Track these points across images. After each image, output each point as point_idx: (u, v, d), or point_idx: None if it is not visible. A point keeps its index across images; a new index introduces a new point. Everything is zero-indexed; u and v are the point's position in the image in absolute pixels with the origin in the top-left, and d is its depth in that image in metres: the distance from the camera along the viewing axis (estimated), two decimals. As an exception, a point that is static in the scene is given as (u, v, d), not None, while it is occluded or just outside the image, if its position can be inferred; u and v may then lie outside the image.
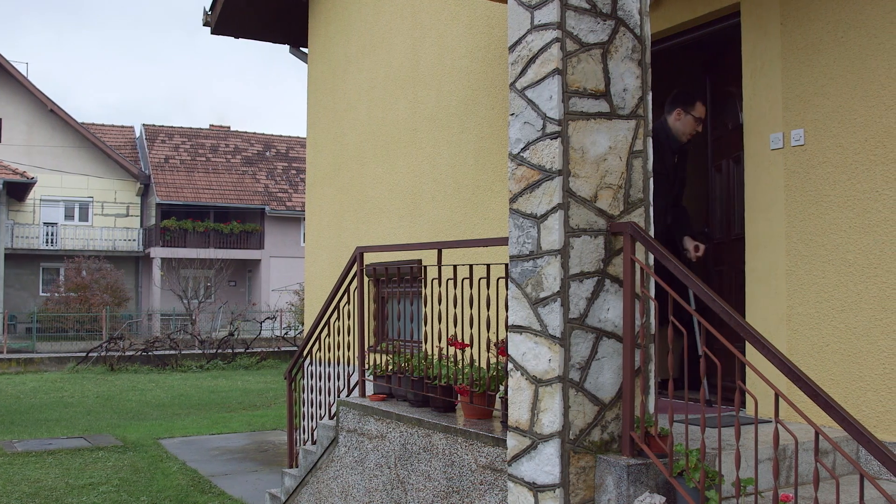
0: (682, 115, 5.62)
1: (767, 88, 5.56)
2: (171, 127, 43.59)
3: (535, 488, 4.12)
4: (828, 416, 3.30)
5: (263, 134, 45.15)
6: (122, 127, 45.00)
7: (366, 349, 6.58)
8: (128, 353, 24.69)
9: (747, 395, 3.60)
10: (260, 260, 40.18)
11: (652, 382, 4.24)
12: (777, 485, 3.49)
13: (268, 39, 12.80)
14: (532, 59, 4.25)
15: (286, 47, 12.57)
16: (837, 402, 3.29)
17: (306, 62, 12.18)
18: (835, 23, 5.18)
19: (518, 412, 4.25)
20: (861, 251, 4.98)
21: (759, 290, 5.53)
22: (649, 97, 4.37)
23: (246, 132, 45.10)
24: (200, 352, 26.27)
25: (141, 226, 41.16)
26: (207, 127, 45.23)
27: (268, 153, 43.55)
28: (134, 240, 40.57)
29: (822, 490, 4.25)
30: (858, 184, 5.01)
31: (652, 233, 4.35)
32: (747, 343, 3.94)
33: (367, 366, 6.52)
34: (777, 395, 3.43)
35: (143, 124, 43.03)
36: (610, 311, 4.16)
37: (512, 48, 4.41)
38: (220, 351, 26.36)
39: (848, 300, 5.05)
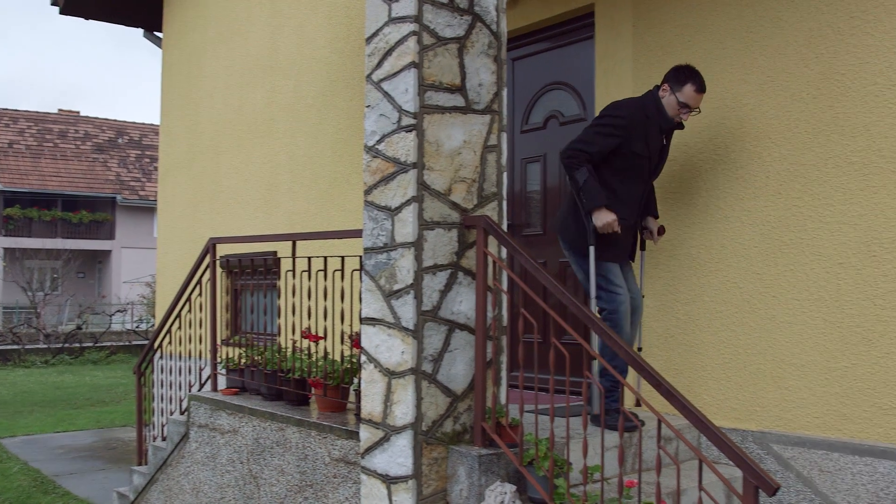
0: (666, 93, 4.88)
1: (619, 87, 5.72)
2: (17, 111, 41.51)
3: (388, 480, 4.13)
4: (670, 405, 3.42)
5: (115, 120, 43.55)
6: (-38, 109, 42.70)
7: (218, 342, 6.45)
8: (-35, 348, 23.47)
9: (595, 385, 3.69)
10: (111, 251, 38.83)
11: (504, 374, 4.31)
12: (622, 471, 3.60)
13: (120, 22, 12.32)
14: (389, 52, 4.24)
15: (140, 31, 12.15)
16: (679, 391, 3.41)
17: (161, 47, 11.82)
18: (683, 27, 5.37)
19: (371, 404, 4.24)
20: (704, 246, 5.19)
21: (608, 284, 5.68)
22: (504, 93, 4.43)
23: (97, 118, 43.41)
24: (46, 346, 25.16)
25: (-18, 214, 39.17)
26: (56, 111, 43.34)
27: (120, 140, 42.07)
28: (-26, 229, 38.56)
29: (665, 475, 4.41)
30: (702, 182, 5.22)
31: (505, 226, 4.41)
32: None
33: (219, 359, 6.39)
34: (622, 385, 3.53)
35: (-14, 107, 40.91)
36: (463, 303, 4.20)
37: (369, 40, 4.38)
38: (66, 345, 25.31)
39: (692, 293, 5.25)
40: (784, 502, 4.71)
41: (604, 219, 4.67)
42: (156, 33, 12.00)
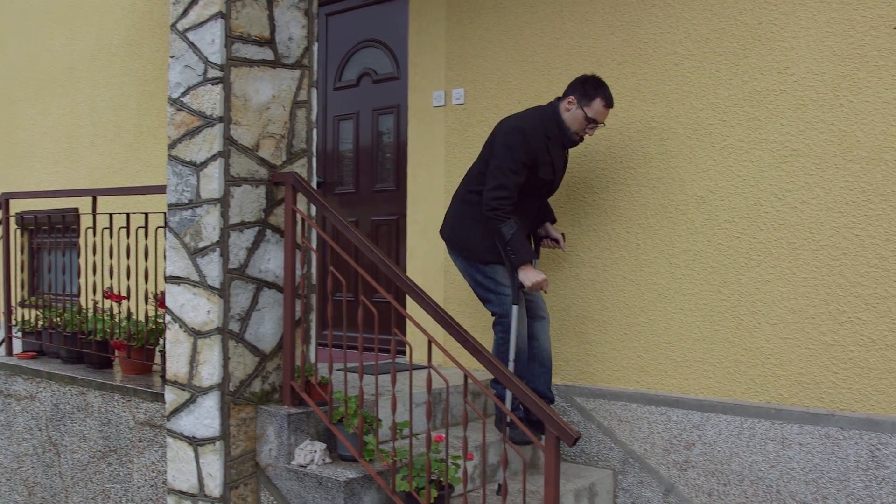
0: (573, 106, 4.46)
1: (432, 48, 5.73)
2: None
3: (195, 442, 4.04)
4: (478, 362, 3.49)
5: None
6: None
7: (13, 304, 6.11)
8: None
9: (406, 342, 3.73)
10: None
11: (313, 332, 4.28)
12: (430, 426, 3.65)
13: None
14: (195, 0, 4.08)
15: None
16: (486, 348, 3.49)
17: (-53, -13, 10.96)
18: (494, -12, 5.43)
19: (176, 365, 4.13)
20: (512, 206, 5.29)
21: (420, 243, 5.73)
22: (315, 48, 4.35)
23: None
24: None
25: None
26: None
27: None
28: None
29: (472, 429, 4.52)
30: (511, 143, 5.30)
31: (314, 184, 4.36)
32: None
33: (14, 322, 6.06)
34: (430, 342, 3.57)
35: None
36: (271, 261, 4.13)
37: (174, -13, 4.21)
38: None
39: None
40: (586, 452, 4.92)
41: (532, 278, 4.34)
42: (-58, -29, 11.10)
